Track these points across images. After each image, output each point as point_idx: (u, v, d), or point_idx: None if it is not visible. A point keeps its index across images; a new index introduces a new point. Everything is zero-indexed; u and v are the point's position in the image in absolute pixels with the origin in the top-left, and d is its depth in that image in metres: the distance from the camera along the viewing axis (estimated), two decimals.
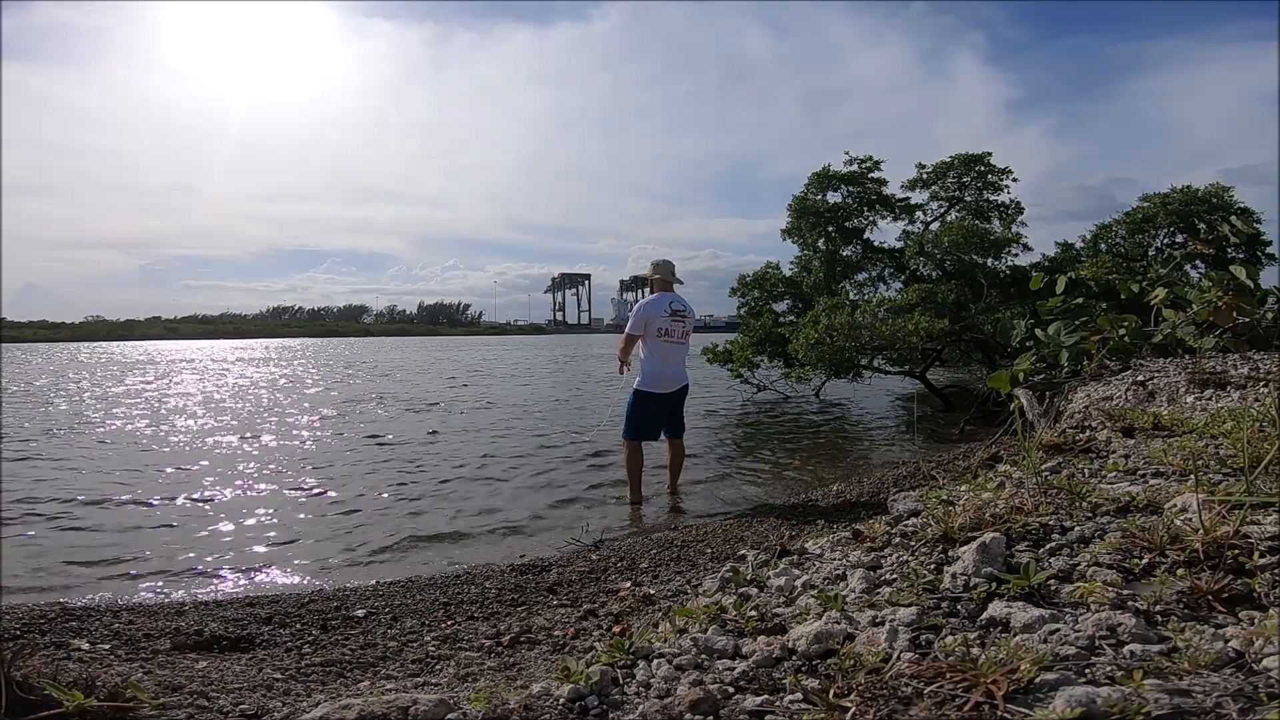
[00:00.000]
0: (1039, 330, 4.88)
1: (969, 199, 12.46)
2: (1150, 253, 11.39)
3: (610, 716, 1.05)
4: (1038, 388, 4.05)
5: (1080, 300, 5.19)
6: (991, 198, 12.34)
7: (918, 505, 1.87)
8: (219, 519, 4.36)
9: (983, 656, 0.99)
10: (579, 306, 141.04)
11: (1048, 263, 11.06)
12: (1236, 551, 1.19)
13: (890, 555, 1.52)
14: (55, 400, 12.05)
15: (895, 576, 1.39)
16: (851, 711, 0.92)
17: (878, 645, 1.09)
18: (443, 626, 2.54)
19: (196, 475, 5.66)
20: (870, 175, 12.61)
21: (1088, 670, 0.94)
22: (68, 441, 7.48)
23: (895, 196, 12.80)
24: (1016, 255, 11.33)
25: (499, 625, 2.52)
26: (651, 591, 2.73)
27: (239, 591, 3.13)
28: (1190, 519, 1.32)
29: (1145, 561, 1.23)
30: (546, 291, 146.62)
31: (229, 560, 3.60)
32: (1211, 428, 2.24)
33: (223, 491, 5.12)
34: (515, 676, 1.88)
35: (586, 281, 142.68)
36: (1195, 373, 3.23)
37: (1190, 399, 2.97)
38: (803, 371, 9.92)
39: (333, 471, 5.83)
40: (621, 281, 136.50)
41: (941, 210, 12.71)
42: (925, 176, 12.68)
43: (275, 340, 62.20)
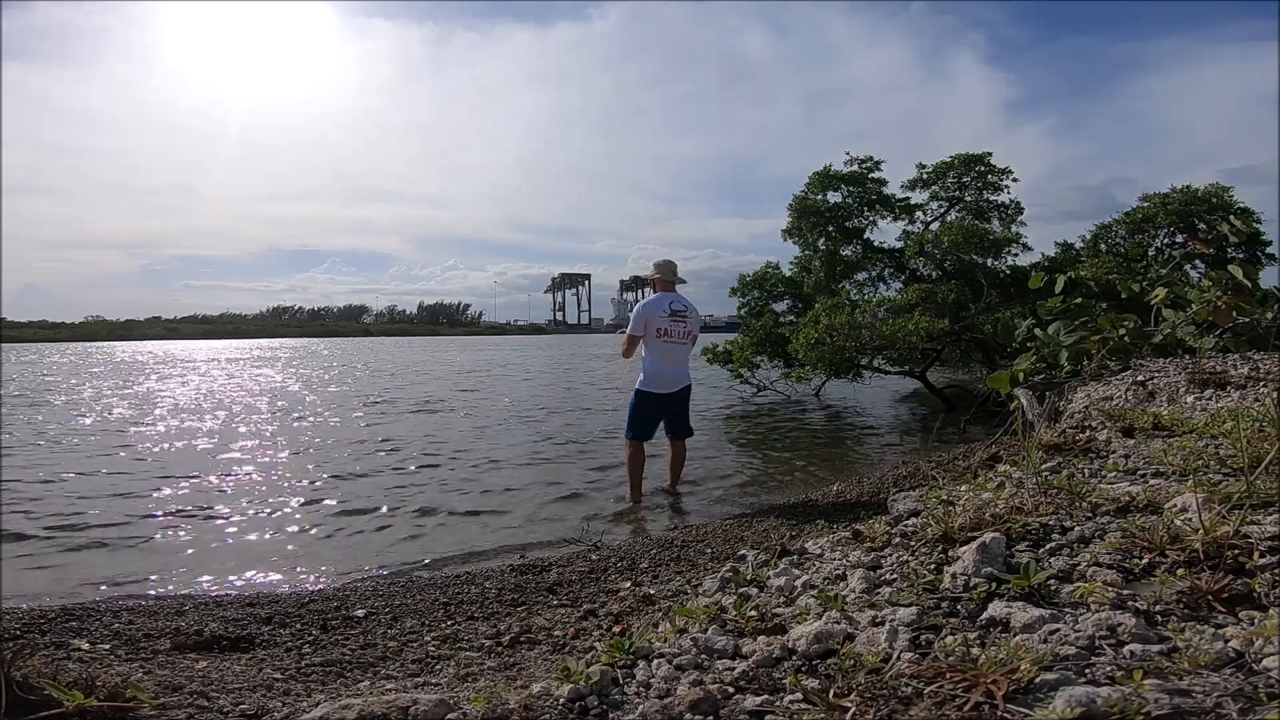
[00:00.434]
0: (1039, 330, 4.88)
1: (969, 199, 12.46)
2: (1150, 253, 11.38)
3: (610, 716, 1.05)
4: (1038, 388, 4.05)
5: (1080, 300, 5.18)
6: (991, 198, 12.33)
7: (918, 505, 1.87)
8: (219, 519, 4.36)
9: (983, 656, 0.99)
10: (579, 306, 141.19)
11: (1048, 263, 11.05)
12: (1236, 551, 1.19)
13: (890, 555, 1.52)
14: (54, 400, 12.05)
15: (895, 576, 1.39)
16: (851, 711, 0.92)
17: (878, 645, 1.09)
18: (443, 626, 2.54)
19: (196, 475, 5.65)
20: (870, 175, 12.61)
21: (1088, 670, 0.94)
22: (67, 442, 7.48)
23: (895, 196, 12.81)
24: (1016, 255, 11.34)
25: (499, 625, 2.52)
26: (651, 591, 2.73)
27: (239, 591, 3.13)
28: (1190, 519, 1.32)
29: (1145, 561, 1.23)
30: (546, 291, 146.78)
31: (229, 560, 3.60)
32: (1211, 428, 2.24)
33: (222, 491, 5.12)
34: (515, 676, 1.88)
35: (586, 281, 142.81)
36: (1195, 373, 3.23)
37: (1190, 399, 2.97)
38: (803, 371, 9.92)
39: (333, 471, 5.82)
40: (621, 281, 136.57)
41: (941, 210, 12.70)
42: (925, 176, 12.68)
43: (275, 340, 62.18)
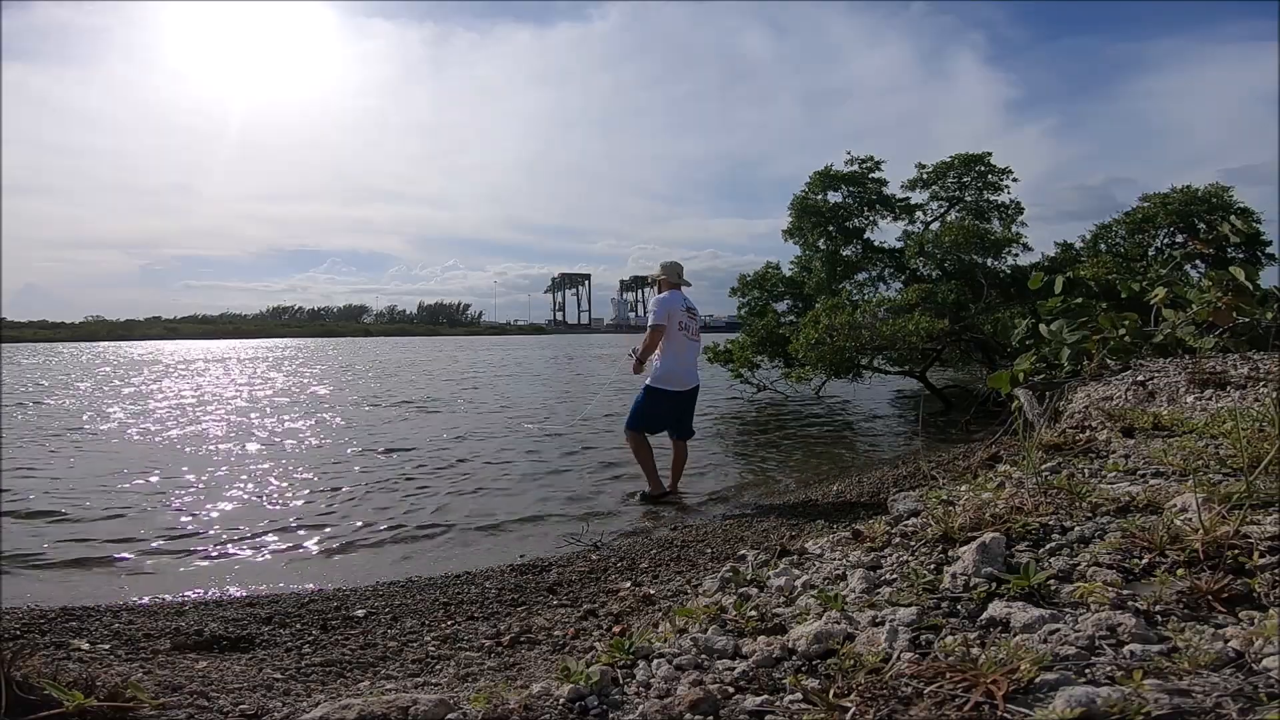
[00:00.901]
0: (1041, 326, 4.87)
1: (969, 199, 12.45)
2: (1150, 253, 11.37)
3: (610, 716, 1.05)
4: (1038, 388, 4.04)
5: (1080, 300, 5.18)
6: (991, 198, 12.32)
7: (918, 505, 1.87)
8: (219, 518, 4.36)
9: (983, 656, 0.99)
10: (579, 306, 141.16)
11: (1048, 263, 11.04)
12: (1236, 551, 1.19)
13: (890, 555, 1.51)
14: (55, 400, 12.05)
15: (895, 576, 1.39)
16: (851, 711, 0.92)
17: (878, 645, 1.09)
18: (443, 626, 2.55)
19: (195, 475, 5.65)
20: (871, 175, 12.60)
21: (1088, 670, 0.94)
22: (67, 442, 7.48)
23: (895, 196, 12.80)
24: (1016, 255, 11.32)
25: (499, 625, 2.52)
26: (651, 591, 2.73)
27: (239, 591, 3.13)
28: (1190, 519, 1.32)
29: (1145, 561, 1.23)
30: (546, 291, 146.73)
31: (229, 560, 3.61)
32: (1211, 428, 2.23)
33: (223, 491, 5.12)
34: (515, 676, 1.88)
35: (586, 281, 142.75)
36: (1195, 373, 3.23)
37: (1190, 399, 2.96)
38: (803, 371, 9.92)
39: (332, 471, 5.83)
40: (621, 281, 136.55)
41: (941, 210, 12.70)
42: (925, 176, 12.67)
43: (275, 340, 62.17)
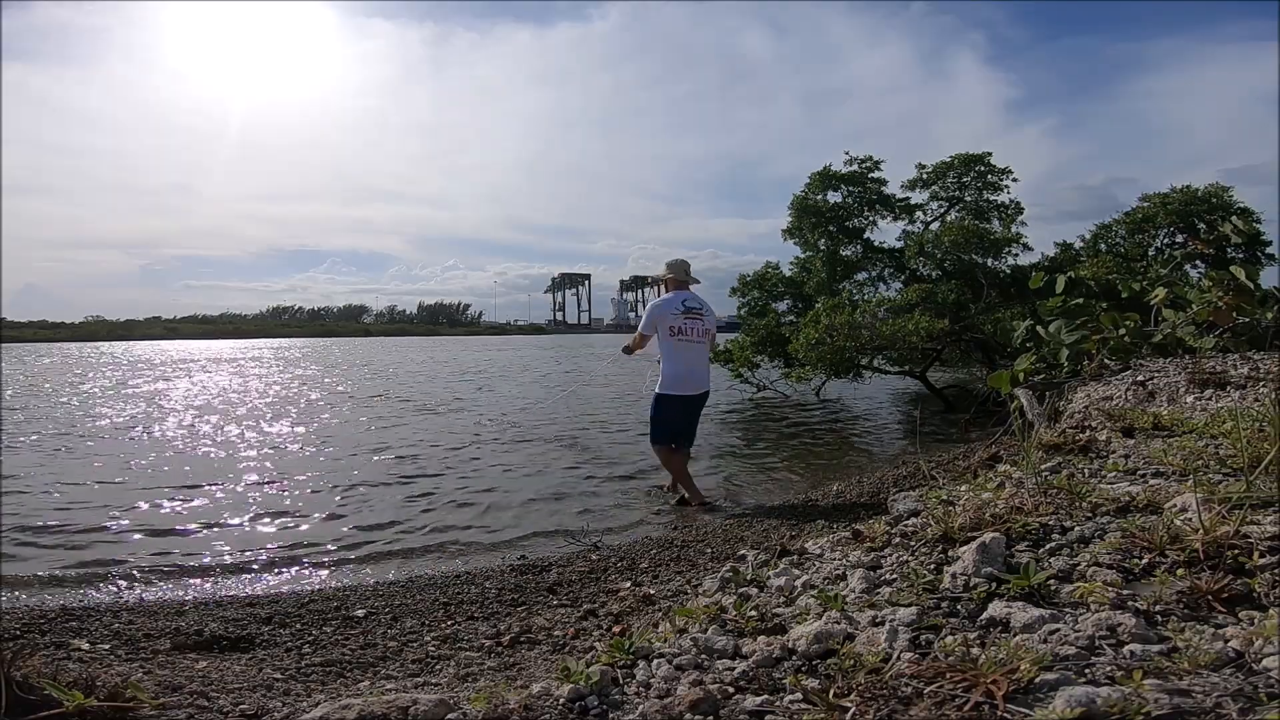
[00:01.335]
0: (1040, 327, 4.88)
1: (969, 199, 12.45)
2: (1150, 253, 11.37)
3: (610, 716, 1.05)
4: (1038, 388, 4.05)
5: (1080, 300, 5.18)
6: (991, 198, 12.32)
7: (918, 505, 1.87)
8: (219, 519, 4.36)
9: (983, 656, 0.99)
10: (579, 306, 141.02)
11: (1048, 263, 11.04)
12: (1236, 551, 1.19)
13: (890, 555, 1.52)
14: (53, 400, 12.05)
15: (895, 576, 1.39)
16: (851, 711, 0.92)
17: (878, 645, 1.09)
18: (443, 626, 2.55)
19: (195, 475, 5.65)
20: (871, 175, 12.60)
21: (1088, 670, 0.94)
22: (67, 442, 7.48)
23: (895, 196, 12.80)
24: (1016, 255, 11.32)
25: (499, 625, 2.52)
26: (651, 591, 2.73)
27: (239, 591, 3.12)
28: (1190, 519, 1.32)
29: (1145, 561, 1.23)
30: (546, 291, 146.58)
31: (229, 560, 3.60)
32: (1211, 428, 2.24)
33: (222, 491, 5.12)
34: (515, 676, 1.88)
35: (586, 281, 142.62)
36: (1195, 373, 3.23)
37: (1190, 399, 2.97)
38: (803, 371, 9.91)
39: (332, 471, 5.82)
40: (621, 281, 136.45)
41: (941, 210, 12.70)
42: (925, 176, 12.68)
43: (275, 340, 62.18)
